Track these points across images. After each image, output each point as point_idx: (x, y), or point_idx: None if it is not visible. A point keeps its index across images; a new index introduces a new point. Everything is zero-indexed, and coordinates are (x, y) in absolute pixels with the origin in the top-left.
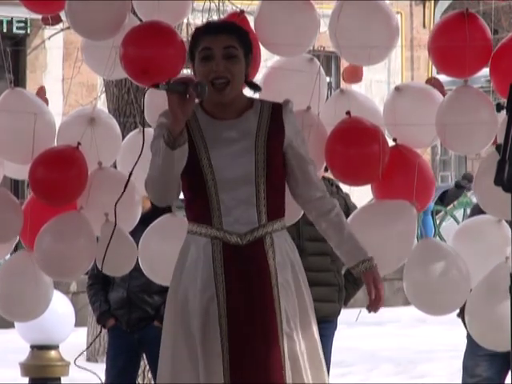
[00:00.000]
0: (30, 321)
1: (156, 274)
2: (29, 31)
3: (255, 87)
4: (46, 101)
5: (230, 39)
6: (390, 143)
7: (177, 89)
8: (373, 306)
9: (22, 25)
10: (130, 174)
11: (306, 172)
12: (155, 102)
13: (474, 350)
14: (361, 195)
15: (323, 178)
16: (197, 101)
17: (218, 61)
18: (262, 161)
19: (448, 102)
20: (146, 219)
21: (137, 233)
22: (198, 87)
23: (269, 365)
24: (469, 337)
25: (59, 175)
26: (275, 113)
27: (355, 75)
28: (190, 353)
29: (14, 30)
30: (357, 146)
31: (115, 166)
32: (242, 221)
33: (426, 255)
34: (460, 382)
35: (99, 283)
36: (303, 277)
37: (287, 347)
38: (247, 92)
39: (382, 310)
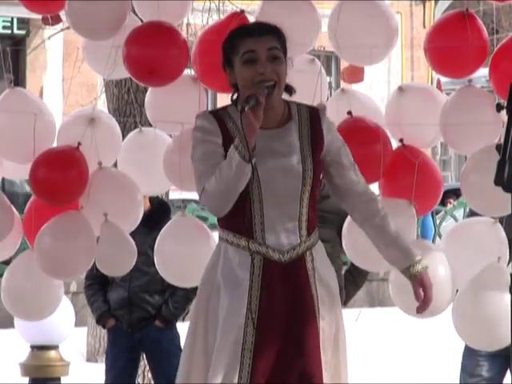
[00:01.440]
0: (40, 319)
1: (172, 275)
2: (15, 30)
3: (290, 89)
4: None
5: (273, 40)
6: (393, 142)
7: (253, 104)
8: (420, 308)
9: (8, 24)
10: None
11: (346, 178)
12: (155, 101)
13: (474, 349)
14: None
15: (324, 178)
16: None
17: (263, 63)
18: (309, 177)
19: (452, 102)
20: (146, 219)
21: (136, 233)
22: (263, 94)
23: None
24: None
25: (60, 175)
26: (314, 121)
27: (355, 75)
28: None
29: (0, 30)
30: (359, 145)
31: (115, 166)
32: (284, 236)
33: None
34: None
35: (97, 283)
36: (337, 288)
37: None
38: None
39: (382, 310)
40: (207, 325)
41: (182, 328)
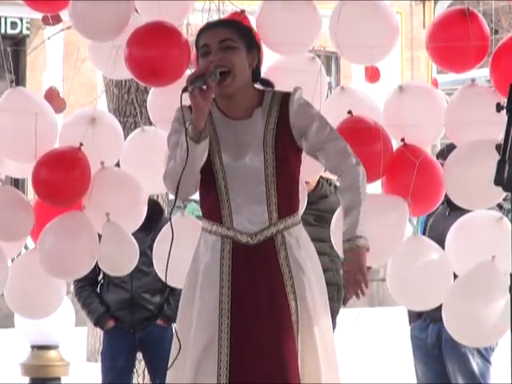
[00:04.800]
0: (42, 318)
1: (170, 276)
2: None
3: (268, 84)
4: (64, 103)
5: (226, 32)
6: (394, 141)
7: (199, 84)
8: (346, 299)
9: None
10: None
11: (326, 152)
12: (157, 101)
13: (413, 352)
14: None
15: (321, 177)
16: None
17: (214, 52)
18: (271, 160)
19: (456, 101)
20: (144, 220)
21: (134, 234)
22: (212, 75)
23: (285, 367)
24: (411, 338)
25: (62, 176)
26: (283, 105)
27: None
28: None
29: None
30: (359, 144)
31: (118, 166)
32: (252, 220)
33: (410, 252)
34: None
35: (89, 285)
36: (318, 272)
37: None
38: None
39: (382, 310)
40: (192, 315)
41: None
